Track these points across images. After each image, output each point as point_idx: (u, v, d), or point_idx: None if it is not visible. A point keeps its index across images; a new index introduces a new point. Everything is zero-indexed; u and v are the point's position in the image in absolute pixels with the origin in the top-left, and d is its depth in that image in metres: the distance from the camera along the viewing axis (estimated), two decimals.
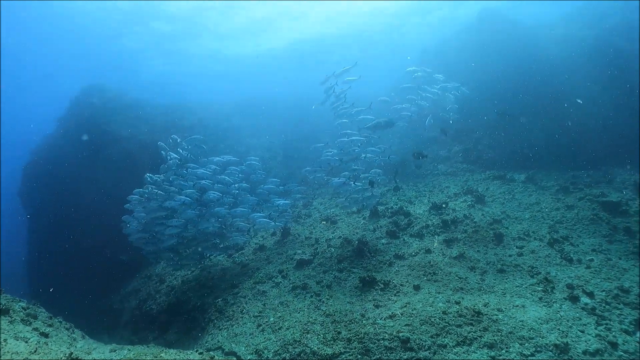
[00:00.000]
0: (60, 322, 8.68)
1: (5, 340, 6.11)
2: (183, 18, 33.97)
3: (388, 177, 17.81)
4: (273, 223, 12.50)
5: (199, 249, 12.48)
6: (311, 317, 8.49)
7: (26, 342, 6.43)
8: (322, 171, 13.38)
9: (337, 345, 7.15)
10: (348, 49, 44.01)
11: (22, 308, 7.89)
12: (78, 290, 18.81)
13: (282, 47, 42.99)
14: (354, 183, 12.45)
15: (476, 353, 6.54)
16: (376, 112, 13.64)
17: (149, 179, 12.28)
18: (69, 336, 8.07)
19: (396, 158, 13.09)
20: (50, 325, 7.93)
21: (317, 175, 13.54)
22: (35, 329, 7.15)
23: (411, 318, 7.65)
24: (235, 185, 12.82)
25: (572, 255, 10.14)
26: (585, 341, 6.84)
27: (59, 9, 30.78)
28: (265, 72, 48.99)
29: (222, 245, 12.76)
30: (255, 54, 44.16)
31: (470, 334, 6.95)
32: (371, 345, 6.96)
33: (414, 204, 15.04)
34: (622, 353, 6.64)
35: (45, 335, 7.13)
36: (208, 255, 12.92)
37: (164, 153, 12.79)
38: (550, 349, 6.55)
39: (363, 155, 12.85)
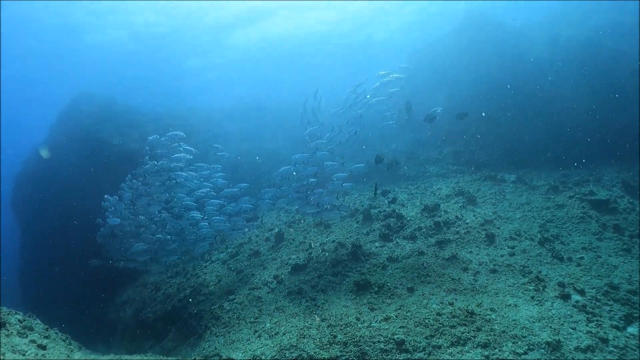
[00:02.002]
0: (57, 333, 8.67)
1: (3, 354, 6.13)
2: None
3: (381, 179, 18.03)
4: (237, 231, 12.61)
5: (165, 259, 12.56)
6: (307, 322, 8.56)
7: (24, 355, 6.45)
8: (280, 185, 13.42)
9: (333, 349, 7.22)
10: (332, 53, 44.11)
11: (18, 320, 7.89)
12: (72, 299, 18.75)
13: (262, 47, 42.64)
14: (308, 194, 12.48)
15: (470, 353, 6.64)
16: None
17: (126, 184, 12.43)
18: (66, 347, 8.08)
19: (362, 166, 13.25)
20: (47, 337, 7.93)
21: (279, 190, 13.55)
22: (33, 342, 7.16)
23: (406, 320, 7.74)
24: (204, 191, 12.83)
25: (562, 254, 10.30)
26: (577, 338, 6.96)
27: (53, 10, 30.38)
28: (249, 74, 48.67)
29: (187, 256, 12.84)
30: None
31: (464, 334, 7.05)
32: (367, 348, 7.04)
33: (406, 207, 15.17)
34: (612, 348, 6.76)
35: (43, 347, 7.14)
36: (168, 262, 12.91)
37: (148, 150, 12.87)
38: (542, 346, 6.66)
39: (326, 163, 13.02)
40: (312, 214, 12.62)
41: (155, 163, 12.25)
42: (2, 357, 5.97)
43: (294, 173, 12.83)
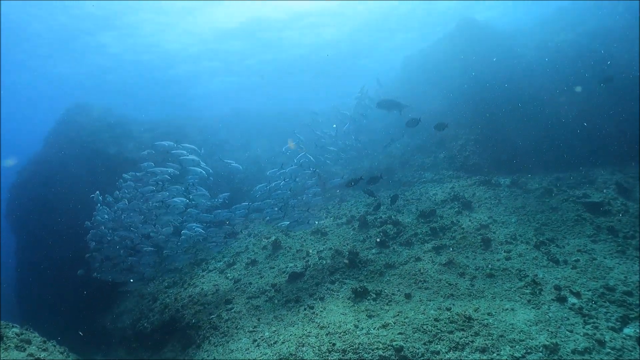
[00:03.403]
0: (54, 346, 8.65)
1: None
2: None
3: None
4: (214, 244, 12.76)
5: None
6: (306, 330, 8.57)
7: None
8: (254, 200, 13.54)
9: (332, 356, 7.24)
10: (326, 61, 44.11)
11: (16, 334, 7.87)
12: (69, 310, 18.64)
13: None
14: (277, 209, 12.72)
15: (468, 358, 6.68)
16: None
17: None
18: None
19: (339, 181, 13.35)
20: (44, 350, 7.91)
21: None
22: (31, 355, 7.14)
23: (404, 326, 7.78)
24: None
25: (558, 257, 10.38)
26: (574, 340, 7.02)
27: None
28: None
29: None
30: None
31: (462, 340, 7.10)
32: (366, 355, 7.07)
33: (403, 213, 15.22)
34: (609, 350, 6.82)
35: None
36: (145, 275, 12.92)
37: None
38: (540, 350, 6.72)
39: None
40: (286, 225, 12.80)
41: (171, 170, 12.20)
42: None
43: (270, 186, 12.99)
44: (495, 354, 6.69)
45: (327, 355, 7.29)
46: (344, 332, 8.05)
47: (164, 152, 12.36)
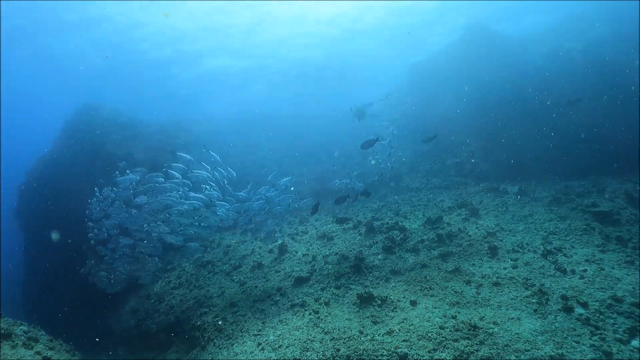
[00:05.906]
0: (61, 344, 8.73)
1: None
2: None
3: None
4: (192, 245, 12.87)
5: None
6: (310, 335, 8.58)
7: None
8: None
9: None
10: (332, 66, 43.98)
11: (24, 332, 7.95)
12: (75, 310, 18.75)
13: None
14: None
15: None
16: None
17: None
18: (70, 359, 8.12)
19: (310, 202, 13.47)
20: (51, 349, 7.98)
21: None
22: (38, 353, 7.21)
23: (409, 333, 7.76)
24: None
25: (565, 266, 10.29)
26: (580, 352, 6.96)
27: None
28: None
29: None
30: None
31: (467, 348, 7.06)
32: None
33: (409, 219, 15.19)
34: None
35: (48, 359, 7.18)
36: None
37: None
38: None
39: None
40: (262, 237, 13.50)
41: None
42: None
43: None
44: None
45: None
46: (349, 337, 8.05)
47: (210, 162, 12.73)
